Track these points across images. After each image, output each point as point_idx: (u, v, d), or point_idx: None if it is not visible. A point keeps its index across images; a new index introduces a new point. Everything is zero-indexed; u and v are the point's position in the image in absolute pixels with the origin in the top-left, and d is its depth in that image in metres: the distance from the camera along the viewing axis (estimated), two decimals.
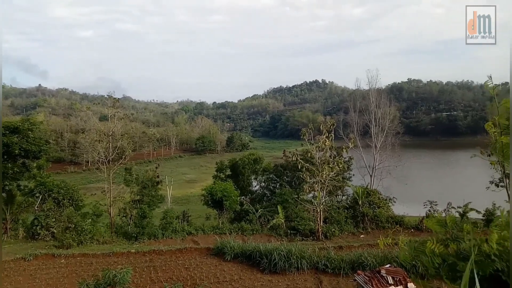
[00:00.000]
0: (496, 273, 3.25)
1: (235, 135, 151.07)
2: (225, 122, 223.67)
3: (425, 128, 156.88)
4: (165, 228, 26.28)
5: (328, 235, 24.97)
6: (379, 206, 28.82)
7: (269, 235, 25.78)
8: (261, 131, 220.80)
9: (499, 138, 3.86)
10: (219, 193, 29.45)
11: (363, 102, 45.09)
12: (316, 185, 26.39)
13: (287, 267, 17.38)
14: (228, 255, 19.53)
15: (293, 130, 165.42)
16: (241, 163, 37.97)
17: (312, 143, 27.43)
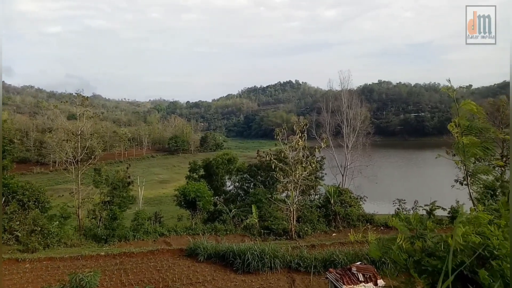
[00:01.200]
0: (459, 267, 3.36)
1: (209, 134, 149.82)
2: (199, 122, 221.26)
3: (394, 129, 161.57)
4: (137, 229, 25.74)
5: (301, 234, 25.25)
6: (351, 205, 29.41)
7: (243, 235, 25.77)
8: (235, 131, 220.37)
9: (460, 138, 4.02)
10: (192, 193, 29.16)
11: (335, 103, 45.89)
12: (289, 185, 26.63)
13: (261, 266, 17.44)
14: (201, 256, 19.38)
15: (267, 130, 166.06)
16: (215, 163, 37.72)
17: (286, 143, 27.67)
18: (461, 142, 4.04)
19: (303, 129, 26.97)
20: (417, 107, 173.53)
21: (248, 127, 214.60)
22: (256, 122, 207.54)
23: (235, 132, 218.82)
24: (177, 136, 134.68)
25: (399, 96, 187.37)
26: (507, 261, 2.97)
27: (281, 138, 27.51)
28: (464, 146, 4.09)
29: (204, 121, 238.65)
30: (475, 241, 3.22)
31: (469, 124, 4.10)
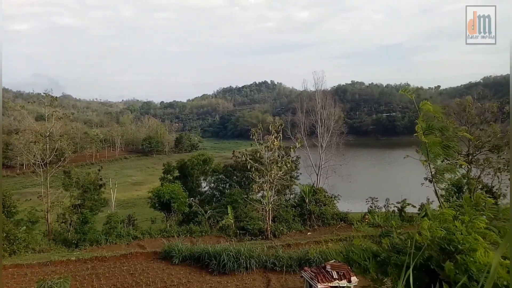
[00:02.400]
0: (426, 263, 3.46)
1: (184, 135, 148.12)
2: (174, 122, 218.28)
3: (367, 128, 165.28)
4: (109, 233, 25.11)
5: (276, 233, 25.38)
6: (325, 204, 29.83)
7: (219, 236, 25.64)
8: (211, 131, 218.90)
9: (422, 138, 4.15)
10: (166, 195, 28.74)
11: (310, 103, 46.43)
12: (265, 185, 26.71)
13: (236, 267, 17.40)
14: (176, 258, 19.13)
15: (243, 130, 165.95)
16: (190, 164, 37.31)
17: (261, 143, 27.75)
18: (424, 142, 4.17)
19: (278, 129, 27.15)
20: (388, 107, 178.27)
21: (224, 127, 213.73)
22: (232, 123, 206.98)
23: (210, 133, 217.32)
24: (151, 137, 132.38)
25: (371, 97, 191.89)
26: (470, 255, 3.08)
27: (256, 138, 27.56)
28: (427, 145, 4.21)
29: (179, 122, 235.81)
30: (441, 236, 3.33)
31: (429, 124, 4.24)
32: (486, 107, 31.02)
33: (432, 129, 4.35)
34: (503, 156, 28.13)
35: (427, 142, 4.27)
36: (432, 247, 3.37)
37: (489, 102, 33.83)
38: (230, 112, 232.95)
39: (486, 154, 28.75)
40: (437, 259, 3.29)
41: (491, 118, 30.28)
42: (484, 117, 30.32)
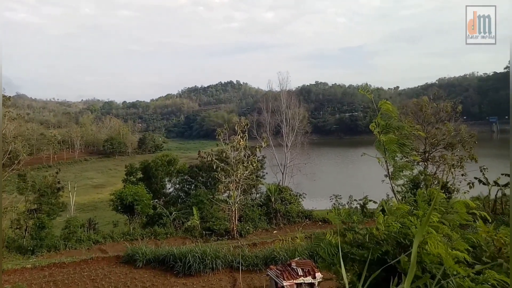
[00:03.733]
0: (383, 257, 3.58)
1: (147, 136, 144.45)
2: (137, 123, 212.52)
3: (330, 128, 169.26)
4: (68, 238, 24.07)
5: (243, 233, 25.40)
6: (291, 202, 30.22)
7: (184, 237, 25.30)
8: (176, 132, 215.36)
9: (379, 136, 4.30)
10: (129, 197, 27.96)
11: (275, 103, 46.95)
12: (231, 185, 26.66)
13: (202, 268, 17.24)
14: (140, 262, 18.65)
15: (208, 130, 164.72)
16: (154, 165, 36.54)
17: (227, 143, 27.69)
18: (381, 140, 4.32)
19: (244, 129, 27.19)
20: (351, 107, 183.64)
21: (189, 127, 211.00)
22: (197, 123, 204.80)
23: (175, 133, 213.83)
24: (113, 137, 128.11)
25: (334, 97, 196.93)
26: (423, 248, 3.22)
27: (222, 138, 27.47)
28: (384, 144, 4.36)
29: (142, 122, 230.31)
30: (396, 231, 3.45)
31: (386, 122, 4.39)
32: (441, 107, 32.65)
33: (389, 128, 4.51)
34: (456, 153, 29.78)
35: (384, 140, 4.42)
36: (389, 242, 3.49)
37: (444, 102, 35.61)
38: (195, 112, 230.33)
39: (441, 152, 30.29)
40: (393, 253, 3.41)
41: (445, 117, 31.91)
42: (439, 116, 31.90)
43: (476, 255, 3.39)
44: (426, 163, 30.36)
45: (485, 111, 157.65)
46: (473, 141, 30.09)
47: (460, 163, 28.84)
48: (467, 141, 29.67)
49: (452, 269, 3.02)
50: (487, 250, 3.42)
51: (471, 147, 29.53)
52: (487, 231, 3.50)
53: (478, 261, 3.31)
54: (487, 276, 2.83)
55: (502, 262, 3.21)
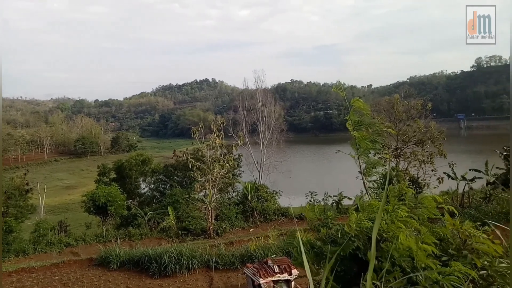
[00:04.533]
0: (355, 252, 3.63)
1: (121, 135, 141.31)
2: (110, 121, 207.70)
3: (306, 126, 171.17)
4: (38, 241, 23.24)
5: (219, 232, 25.30)
6: (267, 200, 30.37)
7: (160, 238, 24.95)
8: (150, 131, 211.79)
9: (352, 133, 4.38)
10: (102, 198, 27.28)
11: (251, 101, 47.04)
12: (207, 184, 26.46)
13: (178, 268, 17.04)
14: (114, 264, 18.23)
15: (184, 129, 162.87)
16: (128, 164, 35.84)
17: (203, 142, 27.47)
18: (353, 137, 4.39)
19: (220, 127, 27.05)
20: (325, 105, 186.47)
21: (164, 126, 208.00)
22: (173, 121, 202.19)
23: (150, 132, 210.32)
24: (85, 137, 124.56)
25: (309, 95, 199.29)
26: (393, 242, 3.29)
27: (198, 137, 27.21)
28: (356, 140, 4.44)
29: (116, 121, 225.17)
30: (367, 226, 3.51)
31: (358, 119, 4.47)
32: (412, 105, 33.61)
33: (361, 125, 4.58)
34: (427, 150, 30.79)
35: (357, 137, 4.49)
36: (360, 237, 3.55)
37: (414, 100, 36.67)
38: (170, 110, 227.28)
39: (412, 148, 31.22)
40: (365, 248, 3.47)
41: (416, 115, 32.87)
42: (410, 114, 32.81)
43: (443, 247, 3.50)
44: (398, 159, 31.21)
45: (453, 109, 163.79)
46: (442, 137, 31.16)
47: (430, 159, 29.83)
48: (436, 138, 30.70)
49: (421, 262, 3.10)
50: (453, 242, 3.54)
51: (440, 143, 30.58)
52: (453, 224, 3.62)
53: (445, 253, 3.42)
54: (453, 268, 2.93)
55: (467, 254, 3.33)
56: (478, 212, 20.77)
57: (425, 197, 4.04)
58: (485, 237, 3.44)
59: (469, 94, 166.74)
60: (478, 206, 23.56)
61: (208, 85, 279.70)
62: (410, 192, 3.96)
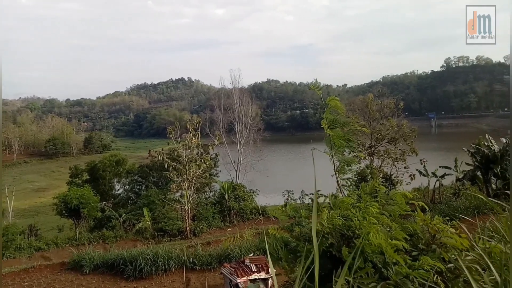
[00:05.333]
0: (328, 249, 3.67)
1: (94, 135, 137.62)
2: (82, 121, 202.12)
3: (282, 125, 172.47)
4: (6, 247, 22.30)
5: (196, 232, 25.10)
6: (244, 199, 30.37)
7: (135, 239, 24.50)
8: (125, 131, 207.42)
9: (327, 131, 4.43)
10: (74, 200, 26.50)
11: (228, 101, 46.92)
12: (183, 184, 26.18)
13: (154, 270, 16.81)
14: (87, 268, 17.78)
15: (159, 128, 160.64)
16: (102, 165, 35.03)
17: (179, 142, 27.19)
18: (328, 135, 4.45)
19: (196, 127, 26.84)
20: (301, 104, 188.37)
21: (139, 126, 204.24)
22: (148, 121, 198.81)
23: (124, 132, 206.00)
24: (56, 138, 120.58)
25: (286, 94, 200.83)
26: (366, 238, 3.35)
27: (174, 137, 26.91)
28: (331, 139, 4.49)
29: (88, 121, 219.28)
30: (340, 223, 3.57)
31: (334, 118, 4.53)
32: (385, 104, 34.45)
33: (336, 123, 4.65)
34: (399, 147, 31.65)
35: (332, 135, 4.55)
36: (333, 234, 3.59)
37: (387, 99, 37.61)
38: (145, 110, 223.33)
39: (386, 146, 32.01)
40: (338, 245, 3.52)
41: (389, 114, 33.71)
42: (383, 113, 33.63)
43: (414, 242, 3.59)
44: (372, 157, 31.91)
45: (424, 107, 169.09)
46: (413, 135, 32.09)
47: (403, 157, 30.68)
48: (408, 136, 31.58)
49: (392, 258, 3.18)
50: (423, 237, 3.65)
51: (412, 141, 31.47)
52: (423, 219, 3.72)
53: (415, 248, 3.52)
54: (422, 262, 3.01)
55: (436, 248, 3.44)
56: (448, 208, 21.54)
57: (396, 194, 4.14)
58: (452, 232, 3.56)
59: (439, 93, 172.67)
60: (448, 201, 24.43)
61: (184, 84, 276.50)
62: (382, 189, 4.05)
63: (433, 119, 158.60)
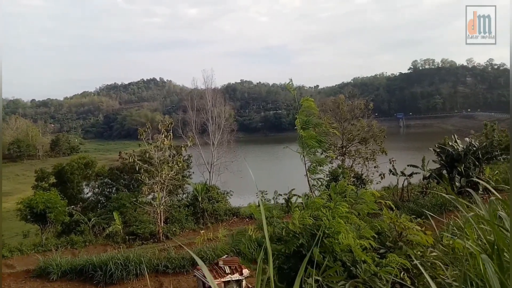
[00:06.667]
0: (299, 249, 3.70)
1: (61, 137, 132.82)
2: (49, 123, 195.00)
3: (256, 125, 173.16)
4: None
5: (169, 235, 24.70)
6: (218, 201, 30.17)
7: (105, 244, 23.82)
8: (94, 132, 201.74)
9: (300, 132, 4.48)
10: (40, 204, 25.41)
11: (201, 101, 46.57)
12: (155, 186, 25.74)
13: (125, 275, 16.38)
14: (54, 274, 17.10)
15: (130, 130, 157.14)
16: (69, 168, 33.89)
17: (151, 143, 26.73)
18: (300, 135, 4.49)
19: (168, 128, 26.45)
20: (275, 105, 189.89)
21: (109, 127, 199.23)
22: (118, 122, 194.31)
23: (93, 133, 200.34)
24: (20, 140, 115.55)
25: (259, 95, 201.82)
26: (335, 238, 3.40)
27: (145, 138, 26.39)
28: (303, 139, 4.54)
29: (55, 122, 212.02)
30: (310, 223, 3.61)
31: (307, 119, 4.58)
32: (355, 105, 35.23)
33: (309, 124, 4.70)
34: (369, 147, 32.44)
35: (304, 136, 4.59)
36: (304, 234, 3.63)
37: (358, 100, 38.47)
38: (115, 110, 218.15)
39: (357, 146, 32.73)
40: (308, 245, 3.56)
41: (359, 114, 34.49)
42: (354, 113, 34.37)
43: (381, 240, 3.68)
44: (343, 157, 32.54)
45: (393, 108, 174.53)
46: (383, 135, 32.99)
47: (373, 156, 31.47)
48: (378, 136, 32.44)
49: (360, 256, 3.24)
50: (390, 235, 3.75)
51: (382, 141, 32.35)
52: (390, 218, 3.82)
53: (383, 246, 3.60)
54: (389, 260, 3.09)
55: (402, 245, 3.54)
56: (416, 205, 22.26)
57: (365, 193, 4.23)
58: (418, 229, 3.67)
59: (406, 94, 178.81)
60: (416, 199, 25.26)
61: (156, 85, 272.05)
62: (350, 189, 4.13)
63: (401, 119, 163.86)
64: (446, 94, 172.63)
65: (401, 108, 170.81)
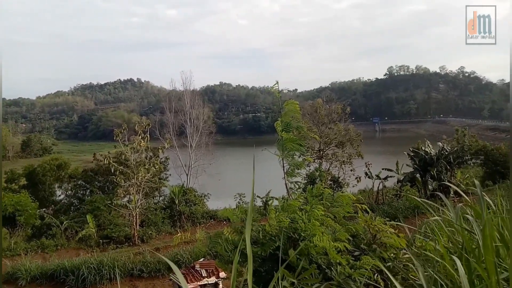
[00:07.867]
0: (275, 252, 3.71)
1: (33, 137, 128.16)
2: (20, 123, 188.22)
3: (235, 128, 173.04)
4: None
5: (145, 238, 24.30)
6: (195, 203, 29.91)
7: (78, 248, 23.17)
8: (68, 133, 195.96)
9: (280, 134, 4.50)
10: (9, 207, 24.56)
11: (179, 103, 46.04)
12: (131, 188, 25.27)
13: (98, 280, 15.98)
14: (23, 280, 16.50)
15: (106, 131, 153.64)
16: (41, 170, 32.80)
17: (127, 145, 26.26)
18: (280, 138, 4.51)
19: (145, 129, 26.04)
20: (254, 108, 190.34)
21: (84, 128, 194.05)
22: (93, 123, 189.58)
23: (67, 134, 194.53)
24: None
25: (238, 98, 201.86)
26: (311, 241, 3.43)
27: (121, 140, 25.90)
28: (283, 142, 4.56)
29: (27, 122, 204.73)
30: (286, 226, 3.62)
31: (288, 122, 4.61)
32: (333, 109, 35.74)
33: (290, 127, 4.72)
34: (346, 151, 32.97)
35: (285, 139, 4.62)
36: (280, 237, 3.64)
37: (335, 104, 39.02)
38: (90, 111, 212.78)
39: (334, 150, 33.19)
40: (284, 248, 3.57)
41: (336, 118, 35.00)
42: (331, 117, 34.84)
43: (356, 243, 3.74)
44: (321, 160, 32.92)
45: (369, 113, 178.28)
46: (359, 139, 33.60)
47: (349, 160, 31.99)
48: (354, 140, 33.00)
49: (335, 259, 3.28)
50: (364, 238, 3.81)
51: (358, 145, 32.93)
52: (365, 220, 3.89)
53: (358, 248, 3.66)
54: (363, 262, 3.14)
55: (376, 248, 3.61)
56: (390, 208, 22.81)
57: (341, 196, 4.29)
58: (391, 232, 3.75)
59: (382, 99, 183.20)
60: (390, 202, 25.88)
61: (133, 85, 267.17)
62: (327, 192, 4.18)
63: (377, 124, 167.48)
64: (420, 99, 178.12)
65: (377, 113, 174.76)
